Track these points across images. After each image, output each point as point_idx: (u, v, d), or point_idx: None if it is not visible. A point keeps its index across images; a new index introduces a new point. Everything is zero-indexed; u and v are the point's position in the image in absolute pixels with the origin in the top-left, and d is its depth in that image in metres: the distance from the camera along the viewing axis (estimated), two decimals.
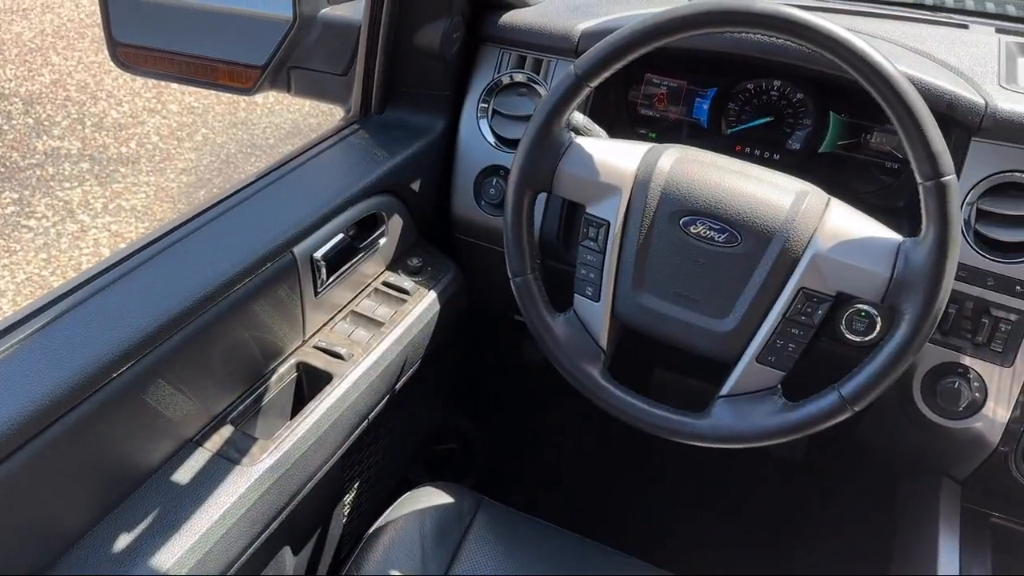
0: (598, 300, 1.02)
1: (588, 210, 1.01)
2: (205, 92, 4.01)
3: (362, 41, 1.25)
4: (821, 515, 1.70)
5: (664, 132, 1.31)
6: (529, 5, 1.34)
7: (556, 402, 1.83)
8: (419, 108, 1.32)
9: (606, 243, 1.00)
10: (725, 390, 0.98)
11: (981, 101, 1.03)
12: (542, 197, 1.22)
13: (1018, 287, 1.03)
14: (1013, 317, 1.04)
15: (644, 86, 1.31)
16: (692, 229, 0.96)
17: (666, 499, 1.82)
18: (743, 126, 1.26)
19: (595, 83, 0.95)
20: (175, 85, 3.99)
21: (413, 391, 1.29)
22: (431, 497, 1.17)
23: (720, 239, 0.95)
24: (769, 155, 1.25)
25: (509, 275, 1.04)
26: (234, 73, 1.36)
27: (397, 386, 1.21)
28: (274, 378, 1.07)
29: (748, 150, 1.26)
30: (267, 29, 1.33)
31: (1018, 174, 1.03)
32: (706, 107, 1.28)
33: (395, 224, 1.27)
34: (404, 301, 1.24)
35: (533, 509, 1.22)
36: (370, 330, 1.18)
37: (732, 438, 0.96)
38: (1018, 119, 1.01)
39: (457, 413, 1.79)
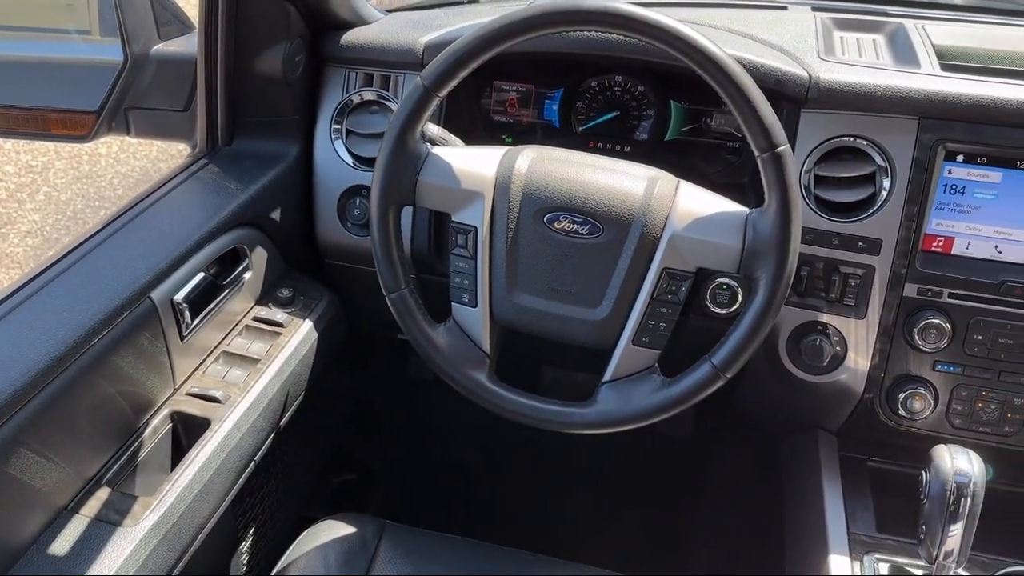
0: (475, 306, 1.03)
1: (454, 218, 1.02)
2: (43, 148, 3.78)
3: (200, 74, 1.21)
4: (714, 485, 1.77)
5: (520, 135, 1.34)
6: (369, 23, 1.34)
7: (450, 415, 1.83)
8: (269, 136, 1.29)
9: (476, 249, 1.01)
10: (607, 376, 1.00)
11: (805, 74, 1.10)
12: (408, 211, 1.22)
13: (860, 243, 1.11)
14: (860, 272, 1.11)
15: (494, 93, 1.33)
16: (556, 225, 0.98)
17: (569, 493, 1.85)
18: (592, 122, 1.30)
19: (443, 92, 0.96)
20: (9, 144, 3.75)
21: (301, 425, 1.25)
22: (332, 530, 1.14)
23: (583, 231, 0.98)
24: (620, 147, 1.30)
25: (384, 292, 1.03)
26: (67, 121, 1.29)
27: (282, 423, 1.18)
28: (148, 431, 1.02)
29: (600, 144, 1.31)
30: (98, 72, 1.27)
31: (846, 139, 1.10)
32: (555, 108, 1.31)
33: (259, 256, 1.23)
34: (279, 334, 1.20)
35: (445, 525, 1.21)
36: (245, 369, 1.14)
37: (620, 421, 0.98)
38: (839, 87, 1.09)
39: (352, 441, 1.75)
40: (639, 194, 0.97)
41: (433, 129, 1.08)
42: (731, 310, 1.13)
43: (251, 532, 1.27)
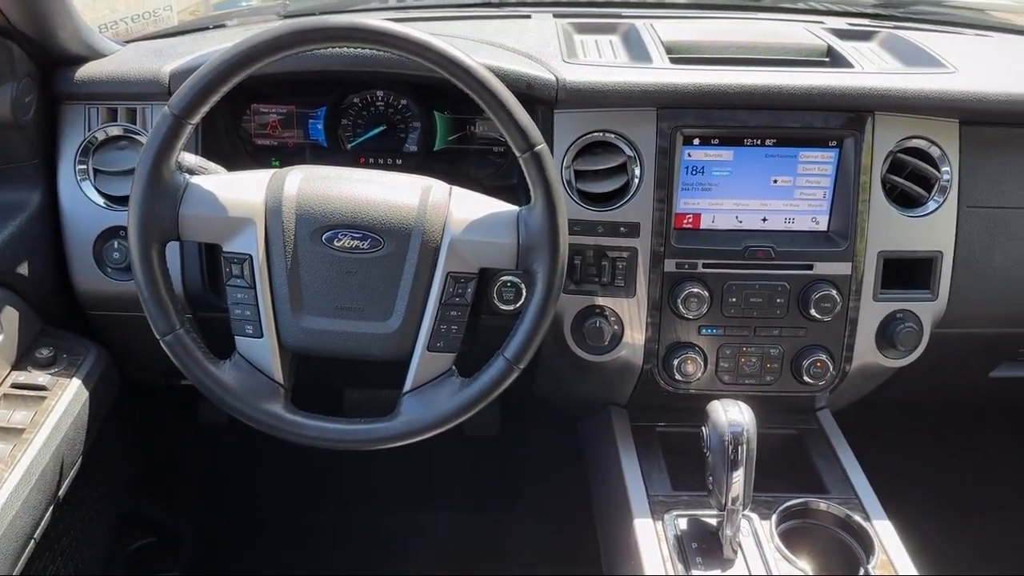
0: (261, 336, 0.99)
1: (225, 248, 0.98)
2: None
3: None
4: (526, 477, 1.83)
5: (288, 158, 1.31)
6: (106, 55, 1.25)
7: (254, 455, 1.75)
8: (3, 185, 1.17)
9: (254, 277, 0.98)
10: (407, 386, 1.01)
11: (552, 77, 1.17)
12: (173, 247, 1.15)
13: (622, 228, 1.19)
14: (625, 254, 1.20)
15: (255, 116, 1.30)
16: (336, 243, 0.98)
17: (389, 509, 1.83)
18: (361, 139, 1.31)
19: (195, 120, 0.93)
20: None
21: (84, 494, 1.15)
22: None
23: (364, 246, 0.98)
24: (392, 161, 1.31)
25: (157, 336, 0.97)
26: None
27: (60, 494, 1.07)
28: None
29: (372, 160, 1.31)
30: None
31: (597, 134, 1.19)
32: (320, 127, 1.30)
33: (9, 318, 1.11)
34: (43, 399, 1.09)
35: (264, 569, 1.16)
36: (9, 441, 1.02)
37: (425, 428, 0.99)
38: (584, 87, 1.17)
39: (146, 502, 1.63)
40: (415, 204, 0.99)
41: (190, 159, 1.03)
42: (518, 306, 1.18)
43: None
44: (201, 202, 0.96)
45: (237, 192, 0.98)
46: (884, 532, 1.11)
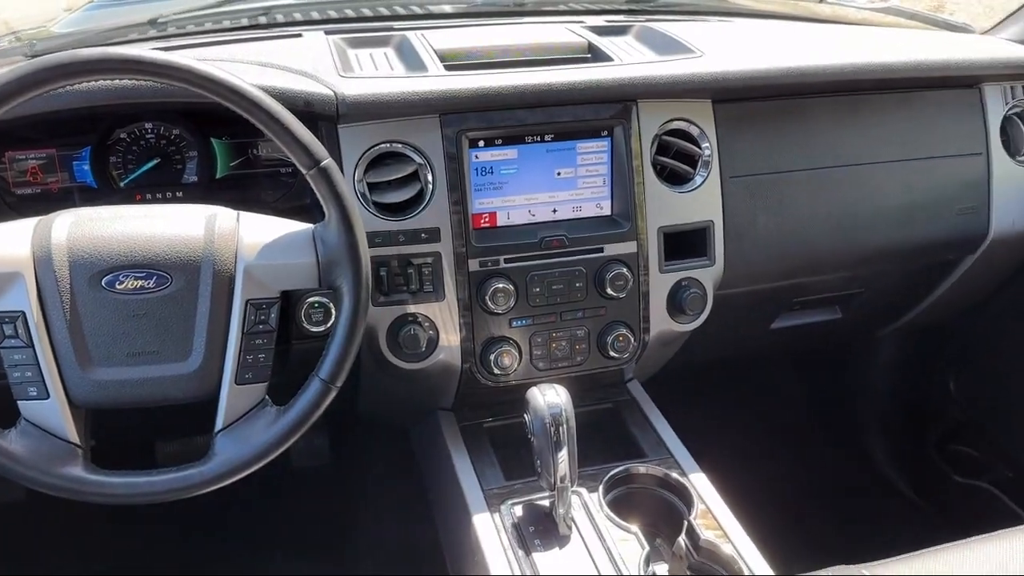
0: (47, 396, 0.92)
1: None
2: None
3: None
4: (364, 500, 1.81)
5: (55, 204, 1.20)
6: None
7: (62, 530, 1.60)
8: None
9: (30, 335, 0.91)
10: (219, 424, 0.97)
11: (331, 92, 1.16)
12: None
13: (423, 235, 1.21)
14: (430, 259, 1.21)
15: (11, 165, 1.19)
16: (119, 286, 0.92)
17: (226, 556, 1.74)
18: (133, 175, 1.24)
19: None
20: None
21: None
22: None
23: (151, 285, 0.93)
24: (172, 195, 1.25)
25: None
26: None
27: None
28: None
29: (150, 196, 1.25)
30: None
31: (384, 145, 1.19)
32: (87, 167, 1.22)
33: None
34: None
35: None
36: None
37: (244, 464, 0.96)
38: (365, 99, 1.17)
39: None
40: (200, 235, 0.95)
41: None
42: (328, 326, 1.16)
43: None
44: None
45: None
46: (700, 484, 1.20)
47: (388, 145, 1.20)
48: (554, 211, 1.28)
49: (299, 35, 1.45)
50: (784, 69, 1.32)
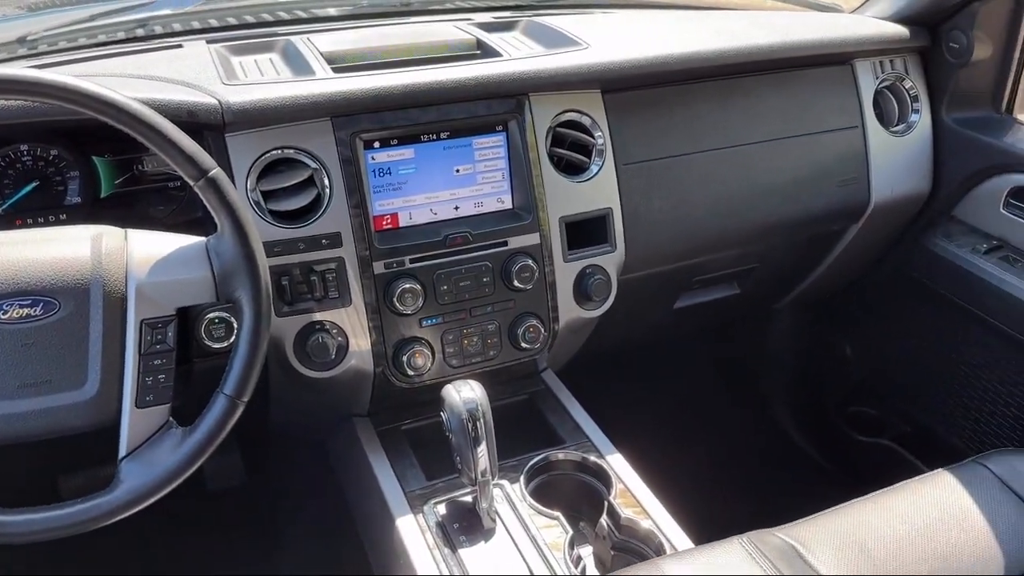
0: None
1: None
2: None
3: None
4: (286, 517, 1.77)
5: None
6: None
7: None
8: None
9: None
10: (123, 451, 0.93)
11: (214, 101, 1.13)
12: None
13: (324, 241, 1.19)
14: (333, 265, 1.20)
15: None
16: (3, 316, 0.88)
17: None
18: (10, 200, 1.18)
19: None
20: None
21: None
22: None
23: (37, 312, 0.89)
24: (55, 218, 1.19)
25: None
26: None
27: None
28: None
29: (31, 220, 1.18)
30: None
31: (275, 152, 1.17)
32: None
33: None
34: None
35: None
36: None
37: (152, 489, 0.92)
38: (251, 106, 1.14)
39: None
40: (87, 256, 0.91)
41: None
42: (231, 342, 1.12)
43: None
44: None
45: None
46: (618, 465, 1.23)
47: (280, 151, 1.17)
48: (456, 208, 1.28)
49: (179, 45, 1.40)
50: (666, 56, 1.36)
